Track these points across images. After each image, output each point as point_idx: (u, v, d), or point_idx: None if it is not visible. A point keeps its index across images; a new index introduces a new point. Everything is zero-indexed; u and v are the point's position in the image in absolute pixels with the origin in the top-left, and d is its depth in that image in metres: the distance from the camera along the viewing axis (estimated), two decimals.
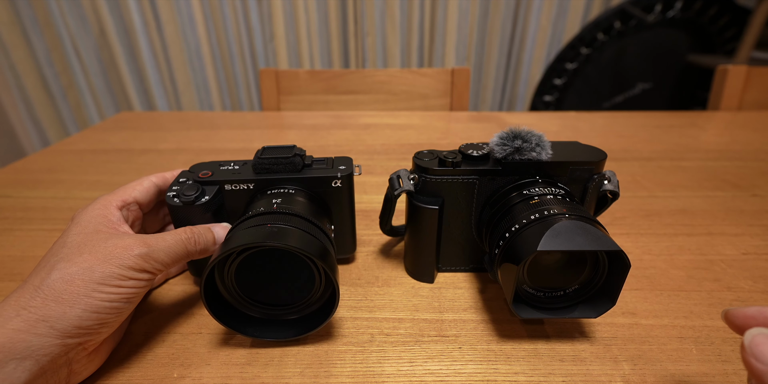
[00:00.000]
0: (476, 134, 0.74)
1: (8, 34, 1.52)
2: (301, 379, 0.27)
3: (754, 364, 0.18)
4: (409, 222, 0.35)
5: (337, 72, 0.94)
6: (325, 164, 0.34)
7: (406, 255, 0.38)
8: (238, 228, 0.28)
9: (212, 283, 0.28)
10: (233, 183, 0.32)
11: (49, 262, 0.25)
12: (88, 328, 0.23)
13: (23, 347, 0.21)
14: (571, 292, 0.29)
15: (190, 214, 0.31)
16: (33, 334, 0.22)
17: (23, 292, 0.23)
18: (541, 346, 0.29)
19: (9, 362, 0.21)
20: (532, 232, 0.26)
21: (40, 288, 0.23)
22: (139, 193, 0.32)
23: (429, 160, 0.32)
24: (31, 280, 0.24)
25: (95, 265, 0.24)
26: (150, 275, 0.26)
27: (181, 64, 1.64)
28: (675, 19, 1.50)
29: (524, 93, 1.76)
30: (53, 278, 0.24)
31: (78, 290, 0.23)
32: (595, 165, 0.31)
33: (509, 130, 0.31)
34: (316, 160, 0.35)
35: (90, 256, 0.25)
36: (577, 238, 0.25)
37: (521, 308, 0.28)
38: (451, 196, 0.33)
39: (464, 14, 1.59)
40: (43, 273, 0.24)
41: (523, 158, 0.31)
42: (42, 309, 0.22)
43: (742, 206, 0.48)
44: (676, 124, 0.78)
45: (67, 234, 0.27)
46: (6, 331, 0.21)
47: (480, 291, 0.35)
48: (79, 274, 0.24)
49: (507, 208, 0.30)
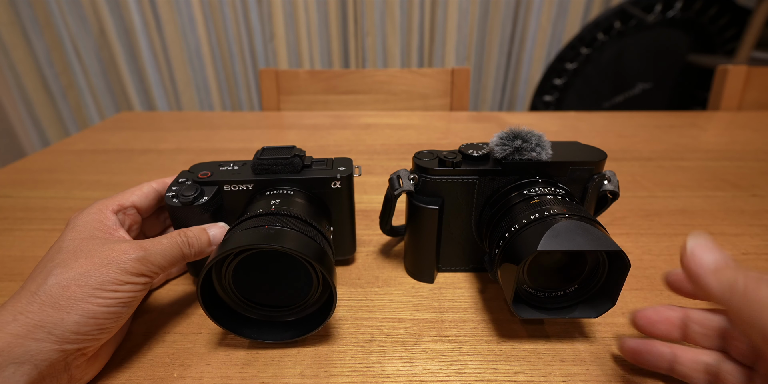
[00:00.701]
0: (476, 134, 0.74)
1: (8, 34, 1.52)
2: (301, 379, 0.27)
3: (693, 266, 0.21)
4: (409, 222, 0.35)
5: (337, 72, 0.94)
6: (324, 165, 0.34)
7: (406, 255, 0.38)
8: (236, 229, 0.28)
9: (210, 284, 0.28)
10: (232, 183, 0.32)
11: (45, 268, 0.25)
12: (86, 333, 0.23)
13: (21, 352, 0.21)
14: (571, 292, 0.29)
15: (188, 215, 0.31)
16: (31, 339, 0.22)
17: (20, 297, 0.23)
18: (541, 346, 0.29)
19: (8, 366, 0.21)
20: (532, 232, 0.26)
21: (36, 294, 0.23)
22: (138, 198, 0.32)
23: (429, 160, 0.32)
24: (27, 285, 0.24)
25: (92, 270, 0.24)
26: (147, 279, 0.26)
27: (181, 64, 1.64)
28: (675, 19, 1.50)
29: (524, 93, 1.76)
30: (50, 284, 0.23)
31: (75, 296, 0.23)
32: (595, 165, 0.31)
33: (509, 130, 0.31)
34: (315, 161, 0.35)
35: (86, 261, 0.25)
36: (578, 238, 0.25)
37: (521, 308, 0.28)
38: (451, 196, 0.33)
39: (464, 14, 1.59)
40: (40, 279, 0.24)
41: (523, 158, 0.31)
42: (39, 314, 0.22)
43: (742, 206, 0.48)
44: (676, 124, 0.78)
45: (62, 239, 0.27)
46: (4, 335, 0.21)
47: (480, 291, 0.35)
48: (76, 280, 0.24)
49: (507, 208, 0.30)
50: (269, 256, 0.28)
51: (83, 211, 0.30)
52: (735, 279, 0.20)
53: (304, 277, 0.28)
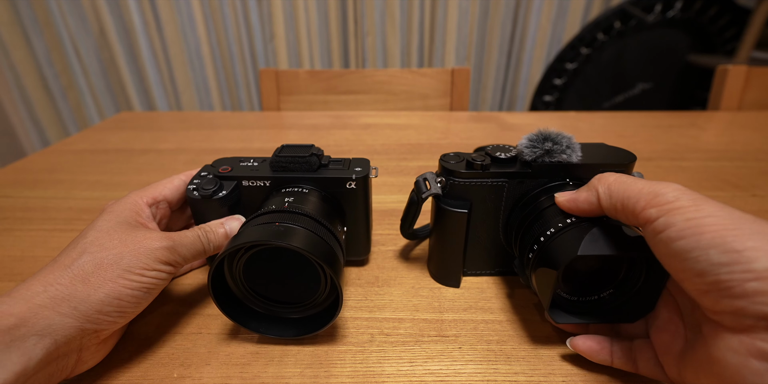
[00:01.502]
0: (476, 134, 0.74)
1: (8, 34, 1.52)
2: (301, 379, 0.27)
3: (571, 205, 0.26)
4: (436, 226, 0.34)
5: (337, 72, 0.94)
6: (341, 165, 0.34)
7: (430, 259, 0.37)
8: (249, 224, 0.29)
9: (221, 275, 0.28)
10: (250, 179, 0.33)
11: (79, 245, 0.26)
12: (107, 314, 0.24)
13: (44, 325, 0.22)
14: (606, 296, 0.28)
15: (207, 208, 0.32)
16: (56, 312, 0.22)
17: (52, 269, 0.24)
18: (541, 346, 0.29)
19: (30, 337, 0.21)
20: (569, 237, 0.25)
21: (70, 267, 0.24)
22: (169, 191, 0.34)
23: (456, 163, 0.32)
24: (60, 259, 0.25)
25: (125, 252, 0.26)
26: (172, 269, 0.28)
27: (181, 64, 1.64)
28: (675, 19, 1.50)
29: (524, 93, 1.76)
30: (84, 260, 0.25)
31: (105, 274, 0.24)
32: (625, 167, 0.31)
33: (538, 131, 0.30)
34: (333, 161, 0.35)
35: (120, 243, 0.26)
36: (617, 243, 0.24)
37: (557, 314, 0.27)
38: (479, 200, 0.32)
39: (464, 14, 1.59)
40: (74, 254, 0.25)
41: (553, 160, 0.30)
42: (68, 288, 0.23)
43: (742, 206, 0.48)
44: (676, 124, 0.78)
45: (98, 220, 0.28)
46: (32, 306, 0.22)
47: (480, 291, 0.35)
48: (109, 259, 0.25)
49: (538, 212, 0.29)
50: (280, 252, 0.28)
51: (119, 200, 0.31)
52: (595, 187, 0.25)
53: (313, 276, 0.29)
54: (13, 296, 0.22)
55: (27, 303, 0.22)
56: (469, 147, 0.67)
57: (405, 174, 0.58)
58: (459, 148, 0.66)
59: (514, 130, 0.76)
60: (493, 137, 0.73)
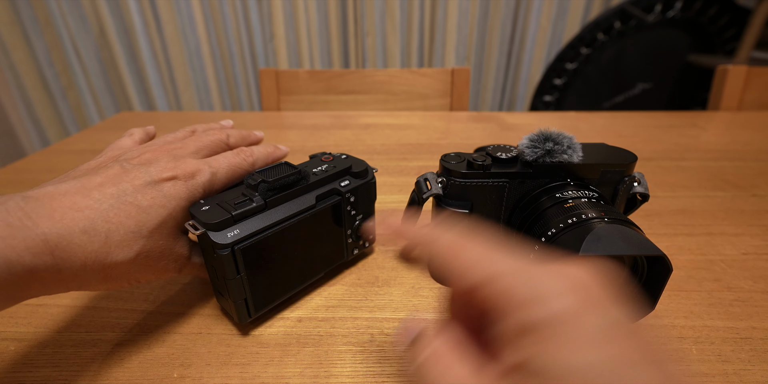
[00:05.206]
0: (476, 134, 0.74)
1: (8, 34, 1.52)
2: (301, 379, 0.27)
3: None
4: None
5: (337, 72, 0.94)
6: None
7: (431, 260, 0.37)
8: None
9: None
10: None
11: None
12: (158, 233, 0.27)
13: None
14: None
15: None
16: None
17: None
18: None
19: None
20: (570, 237, 0.25)
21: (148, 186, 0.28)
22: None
23: (457, 163, 0.31)
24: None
25: None
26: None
27: (181, 64, 1.64)
28: (675, 19, 1.50)
29: (524, 93, 1.76)
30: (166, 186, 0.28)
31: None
32: (626, 167, 0.31)
33: (539, 131, 0.30)
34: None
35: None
36: (619, 243, 0.24)
37: None
38: (479, 200, 0.32)
39: (464, 14, 1.59)
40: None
41: (554, 161, 0.30)
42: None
43: (742, 206, 0.48)
44: (676, 124, 0.78)
45: None
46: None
47: None
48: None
49: (539, 212, 0.29)
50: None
51: None
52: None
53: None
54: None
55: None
56: (469, 147, 0.67)
57: (405, 174, 0.58)
58: (459, 148, 0.66)
59: (514, 130, 0.76)
60: (493, 137, 0.73)
